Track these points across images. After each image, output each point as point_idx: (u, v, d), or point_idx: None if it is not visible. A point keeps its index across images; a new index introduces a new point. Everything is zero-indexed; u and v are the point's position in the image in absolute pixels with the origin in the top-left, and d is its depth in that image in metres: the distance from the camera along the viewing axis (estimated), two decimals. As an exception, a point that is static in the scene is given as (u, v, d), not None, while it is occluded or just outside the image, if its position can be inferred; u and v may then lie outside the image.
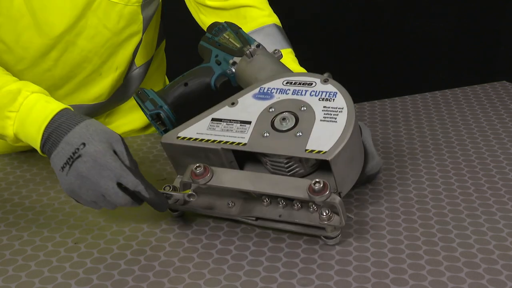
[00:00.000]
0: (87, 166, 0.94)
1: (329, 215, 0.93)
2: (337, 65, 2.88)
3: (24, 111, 1.00)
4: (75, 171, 0.94)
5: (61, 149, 0.96)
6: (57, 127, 0.97)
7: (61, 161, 0.95)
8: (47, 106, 0.99)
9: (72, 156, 0.94)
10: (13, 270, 0.94)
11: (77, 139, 0.95)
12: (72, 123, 0.97)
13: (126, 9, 1.20)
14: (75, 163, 0.94)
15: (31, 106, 1.00)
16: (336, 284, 0.89)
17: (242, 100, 1.04)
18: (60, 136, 0.96)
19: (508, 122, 1.37)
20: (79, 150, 0.94)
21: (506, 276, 0.89)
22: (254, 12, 1.28)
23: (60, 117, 0.98)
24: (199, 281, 0.90)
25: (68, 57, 1.21)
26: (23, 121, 1.00)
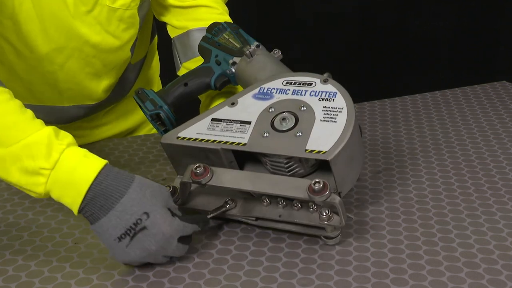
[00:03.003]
0: (157, 239, 0.88)
1: (329, 215, 0.93)
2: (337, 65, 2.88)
3: (60, 169, 0.88)
4: (139, 244, 0.88)
5: (116, 218, 0.87)
6: (104, 189, 0.88)
7: (116, 231, 0.88)
8: (87, 163, 0.89)
9: (133, 228, 0.87)
10: (13, 270, 0.94)
11: (136, 207, 0.88)
12: (122, 186, 0.89)
13: (126, 13, 1.21)
14: (139, 236, 0.88)
15: (69, 163, 0.89)
16: (336, 284, 0.89)
17: (242, 100, 1.04)
18: (110, 201, 0.88)
19: (508, 122, 1.37)
20: (142, 221, 0.88)
21: (506, 276, 0.89)
22: (208, 12, 1.28)
23: (105, 177, 0.89)
24: (199, 281, 0.90)
25: (73, 62, 1.21)
26: (60, 180, 0.88)
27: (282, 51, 1.13)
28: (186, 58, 1.27)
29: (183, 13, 1.29)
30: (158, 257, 0.91)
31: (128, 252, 0.89)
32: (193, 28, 1.27)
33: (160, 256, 0.91)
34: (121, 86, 1.34)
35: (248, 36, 1.15)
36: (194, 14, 1.28)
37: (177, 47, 1.30)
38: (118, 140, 1.36)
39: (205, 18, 1.24)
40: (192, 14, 1.28)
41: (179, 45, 1.29)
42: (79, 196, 0.88)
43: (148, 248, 0.89)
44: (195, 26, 1.26)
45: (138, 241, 0.88)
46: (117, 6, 1.19)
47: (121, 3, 1.19)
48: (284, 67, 1.10)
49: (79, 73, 1.24)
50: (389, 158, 1.23)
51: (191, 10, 1.28)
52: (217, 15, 1.26)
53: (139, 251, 0.89)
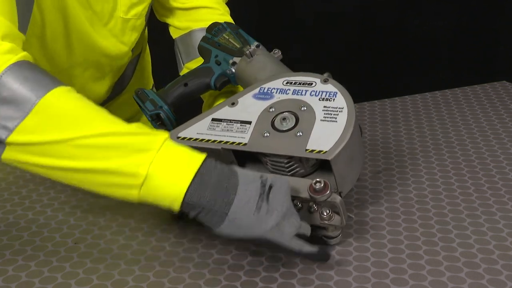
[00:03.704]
0: (284, 190, 0.87)
1: (329, 214, 0.93)
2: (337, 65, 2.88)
3: (165, 153, 0.85)
4: (275, 201, 0.86)
5: (245, 191, 0.85)
6: (220, 172, 0.85)
7: (252, 204, 0.84)
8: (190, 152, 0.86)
9: (262, 193, 0.85)
10: (13, 270, 0.94)
11: (251, 176, 0.86)
12: (227, 169, 0.87)
13: (137, 22, 1.23)
14: (271, 195, 0.85)
15: (173, 146, 0.86)
16: (336, 284, 0.89)
17: (242, 100, 1.04)
18: (233, 182, 0.85)
19: (508, 122, 1.37)
20: (267, 180, 0.86)
21: (506, 276, 0.89)
22: (209, 13, 1.28)
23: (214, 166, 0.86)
24: (199, 281, 0.90)
25: (88, 73, 1.22)
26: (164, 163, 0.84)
27: (282, 51, 1.13)
28: (189, 58, 1.28)
29: (185, 15, 1.30)
30: (292, 216, 0.87)
31: (269, 217, 0.85)
32: (195, 29, 1.27)
33: (292, 215, 0.87)
34: (120, 83, 1.36)
35: (248, 36, 1.15)
36: (195, 15, 1.28)
37: (179, 47, 1.30)
38: (118, 140, 1.36)
39: (206, 19, 1.24)
40: (193, 15, 1.29)
41: (181, 46, 1.30)
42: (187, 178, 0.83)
43: (284, 201, 0.86)
44: (197, 27, 1.27)
45: (273, 199, 0.85)
46: (130, 17, 1.20)
47: (133, 13, 1.20)
48: (284, 67, 1.10)
49: (91, 80, 1.25)
50: (389, 158, 1.23)
51: (193, 11, 1.29)
52: (218, 16, 1.27)
53: (277, 209, 0.85)
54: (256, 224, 0.85)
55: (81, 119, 0.86)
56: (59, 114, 0.85)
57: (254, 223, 0.85)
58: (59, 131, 0.84)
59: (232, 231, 0.86)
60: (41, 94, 0.84)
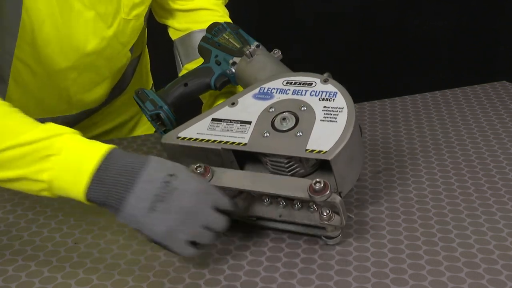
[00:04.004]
0: (191, 195, 0.85)
1: (329, 214, 0.93)
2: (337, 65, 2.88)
3: (65, 152, 0.86)
4: (175, 205, 0.84)
5: (142, 189, 0.84)
6: (122, 167, 0.85)
7: (146, 202, 0.83)
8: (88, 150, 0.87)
9: (162, 192, 0.84)
10: (13, 270, 0.94)
11: (159, 173, 0.85)
12: (140, 160, 0.86)
13: (137, 22, 1.22)
14: (172, 197, 0.84)
15: (74, 146, 0.87)
16: (336, 284, 0.89)
17: (242, 100, 1.04)
18: (132, 176, 0.84)
19: (508, 122, 1.37)
20: (171, 182, 0.84)
21: (506, 276, 0.89)
22: (209, 14, 1.28)
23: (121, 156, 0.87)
24: (199, 281, 0.90)
25: (85, 76, 1.22)
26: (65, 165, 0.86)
27: (282, 51, 1.13)
28: (188, 59, 1.28)
29: (185, 16, 1.30)
30: (196, 222, 0.85)
31: (164, 218, 0.84)
32: (194, 30, 1.27)
33: (198, 222, 0.86)
34: (120, 84, 1.36)
35: (248, 36, 1.15)
36: (195, 17, 1.29)
37: (178, 49, 1.30)
38: (118, 140, 1.36)
39: (206, 20, 1.24)
40: (193, 17, 1.29)
41: (180, 47, 1.30)
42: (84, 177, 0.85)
43: (183, 207, 0.84)
44: (196, 28, 1.27)
45: (173, 201, 0.84)
46: (131, 17, 1.20)
47: (134, 14, 1.20)
48: (284, 67, 1.10)
49: (89, 83, 1.25)
50: (389, 158, 1.23)
51: (192, 13, 1.29)
52: (218, 17, 1.27)
53: (175, 214, 0.84)
54: (148, 225, 0.85)
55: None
56: None
57: (146, 222, 0.85)
58: None
59: (129, 224, 0.87)
60: None
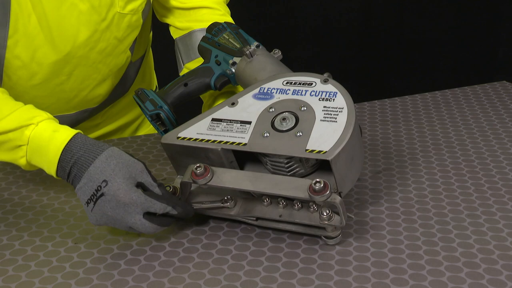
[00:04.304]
0: (111, 206, 0.94)
1: (329, 215, 0.93)
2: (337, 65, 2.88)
3: (33, 143, 0.98)
4: (99, 210, 0.95)
5: (84, 185, 0.95)
6: (77, 160, 0.96)
7: (85, 196, 0.95)
8: (57, 136, 0.98)
9: (95, 194, 0.94)
10: (13, 270, 0.94)
11: (98, 175, 0.95)
12: (91, 156, 0.96)
13: (133, 18, 1.22)
14: (99, 202, 0.94)
15: (39, 137, 0.98)
16: (336, 284, 0.89)
17: (242, 100, 1.04)
18: (81, 170, 0.96)
19: (508, 122, 1.37)
20: (102, 188, 0.94)
21: (506, 276, 0.89)
22: (210, 13, 1.28)
23: (79, 147, 0.98)
24: (199, 281, 0.90)
25: (80, 71, 1.22)
26: (35, 153, 0.99)
27: (282, 51, 1.13)
28: (189, 59, 1.28)
29: (185, 15, 1.29)
30: (121, 225, 0.96)
31: (93, 215, 0.96)
32: (195, 29, 1.27)
33: (123, 224, 0.95)
34: (123, 84, 1.35)
35: (248, 36, 1.15)
36: (196, 16, 1.28)
37: (179, 48, 1.30)
38: (118, 140, 1.36)
39: (207, 19, 1.24)
40: (194, 16, 1.28)
41: (181, 46, 1.29)
42: (52, 166, 0.98)
43: (106, 214, 0.94)
44: (197, 27, 1.27)
45: (98, 206, 0.94)
46: (126, 12, 1.20)
47: (130, 8, 1.20)
48: (284, 67, 1.10)
49: (86, 79, 1.25)
50: (389, 158, 1.23)
51: (193, 11, 1.29)
52: (219, 16, 1.27)
53: (100, 216, 0.95)
54: (86, 213, 0.97)
55: None
56: None
57: (85, 210, 0.97)
58: None
59: None
60: None
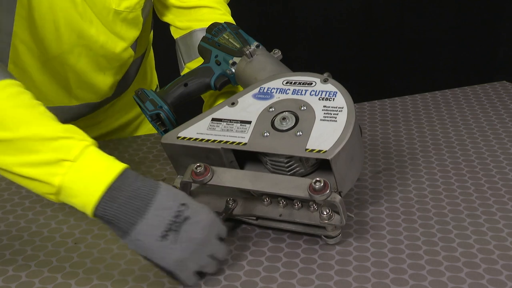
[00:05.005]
0: (202, 226, 0.86)
1: (329, 214, 0.93)
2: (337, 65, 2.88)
3: (82, 163, 0.85)
4: (186, 236, 0.84)
5: (155, 216, 0.84)
6: (136, 191, 0.85)
7: (158, 230, 0.84)
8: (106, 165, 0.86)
9: (175, 221, 0.84)
10: (13, 270, 0.94)
11: (172, 202, 0.85)
12: (150, 185, 0.86)
13: (130, 15, 1.22)
14: (184, 227, 0.84)
15: (90, 158, 0.86)
16: (336, 284, 0.89)
17: (242, 100, 1.04)
18: (145, 201, 0.84)
19: (508, 122, 1.37)
20: (183, 212, 0.85)
21: (506, 276, 0.89)
22: (210, 12, 1.28)
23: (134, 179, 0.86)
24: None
25: (83, 62, 1.22)
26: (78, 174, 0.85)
27: (282, 51, 1.13)
28: (190, 58, 1.28)
29: (185, 14, 1.29)
30: (204, 253, 0.87)
31: (176, 248, 0.84)
32: (196, 29, 1.27)
33: (206, 252, 0.87)
34: (124, 81, 1.36)
35: (248, 36, 1.15)
36: (196, 15, 1.28)
37: (180, 48, 1.30)
38: (118, 140, 1.36)
39: (207, 18, 1.24)
40: (194, 15, 1.28)
41: (182, 46, 1.30)
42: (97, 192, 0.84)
43: (195, 238, 0.85)
44: (198, 27, 1.27)
45: (184, 232, 0.84)
46: (122, 9, 1.20)
47: (125, 5, 1.20)
48: (284, 67, 1.10)
49: (89, 72, 1.24)
50: (389, 158, 1.23)
51: (193, 11, 1.29)
52: (219, 16, 1.27)
53: (186, 243, 0.84)
54: (158, 253, 0.85)
55: (8, 119, 0.87)
56: None
57: (156, 250, 0.85)
58: None
59: (136, 249, 0.86)
60: None
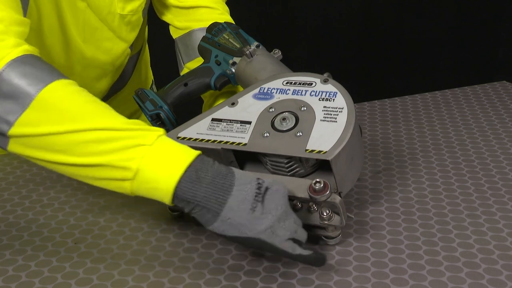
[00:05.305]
0: (283, 194, 0.87)
1: (329, 214, 0.93)
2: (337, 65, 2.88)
3: (159, 146, 0.86)
4: (271, 204, 0.86)
5: (240, 191, 0.85)
6: (217, 170, 0.86)
7: (247, 204, 0.85)
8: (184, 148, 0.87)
9: (259, 192, 0.85)
10: (13, 270, 0.94)
11: (248, 177, 0.87)
12: (224, 168, 0.87)
13: (133, 17, 1.23)
14: (267, 197, 0.86)
15: (167, 142, 0.87)
16: (336, 284, 0.89)
17: (242, 100, 1.04)
18: (229, 179, 0.86)
19: (508, 122, 1.37)
20: (263, 183, 0.86)
21: (506, 276, 0.89)
22: (209, 12, 1.28)
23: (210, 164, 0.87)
24: (199, 281, 0.90)
25: (89, 71, 1.23)
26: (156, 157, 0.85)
27: (282, 51, 1.13)
28: (189, 58, 1.28)
29: (184, 14, 1.29)
30: (290, 220, 0.87)
31: (264, 218, 0.85)
32: (195, 29, 1.27)
33: (291, 220, 0.87)
34: (121, 80, 1.36)
35: (248, 36, 1.15)
36: (195, 15, 1.28)
37: (179, 48, 1.30)
38: (118, 140, 1.36)
39: (206, 18, 1.24)
40: (193, 15, 1.29)
41: (181, 46, 1.30)
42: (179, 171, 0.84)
43: (278, 205, 0.86)
44: (197, 27, 1.27)
45: (268, 201, 0.86)
46: (126, 13, 1.20)
47: (129, 9, 1.20)
48: (284, 67, 1.10)
49: (93, 78, 1.25)
50: (389, 158, 1.23)
51: (192, 10, 1.29)
52: (218, 15, 1.27)
53: (274, 212, 0.85)
54: (250, 225, 0.85)
55: (76, 113, 0.87)
56: (55, 107, 0.87)
57: (247, 223, 0.85)
58: (53, 124, 0.86)
59: (225, 229, 0.86)
60: (39, 88, 0.86)
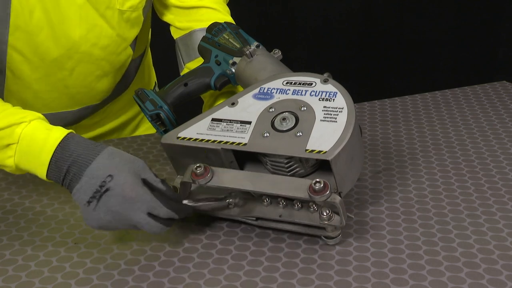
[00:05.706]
0: (118, 200, 0.91)
1: (329, 215, 0.93)
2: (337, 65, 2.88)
3: (24, 141, 0.97)
4: (104, 206, 0.92)
5: (85, 183, 0.92)
6: (76, 158, 0.94)
7: (86, 195, 0.92)
8: (50, 134, 0.96)
9: (99, 190, 0.91)
10: (13, 270, 0.94)
11: (102, 171, 0.92)
12: (91, 154, 0.94)
13: (133, 14, 1.22)
14: (104, 198, 0.91)
15: (31, 135, 0.97)
16: (336, 284, 0.89)
17: (242, 100, 1.04)
18: (81, 168, 0.93)
19: (508, 122, 1.37)
20: (107, 183, 0.91)
21: (506, 276, 0.89)
22: (209, 13, 1.28)
23: (75, 146, 0.95)
24: (199, 281, 0.90)
25: (82, 67, 1.22)
26: (24, 152, 0.97)
27: (282, 51, 1.13)
28: (189, 58, 1.28)
29: (185, 14, 1.29)
30: (125, 222, 0.93)
31: (95, 215, 0.92)
32: (195, 29, 1.27)
33: (127, 221, 0.93)
34: (124, 81, 1.36)
35: (248, 36, 1.15)
36: (195, 15, 1.28)
37: (180, 48, 1.30)
38: (118, 140, 1.36)
39: (207, 19, 1.24)
40: (193, 15, 1.28)
41: (182, 46, 1.30)
42: (44, 166, 0.95)
43: (111, 210, 0.92)
44: (197, 27, 1.27)
45: (103, 202, 0.92)
46: (126, 9, 1.20)
47: (129, 5, 1.20)
48: (284, 67, 1.10)
49: (88, 76, 1.25)
50: (389, 158, 1.23)
51: (193, 11, 1.29)
52: (219, 16, 1.26)
53: (104, 213, 0.92)
54: (85, 214, 0.94)
55: None
56: None
57: (84, 212, 0.94)
58: None
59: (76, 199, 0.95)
60: None
